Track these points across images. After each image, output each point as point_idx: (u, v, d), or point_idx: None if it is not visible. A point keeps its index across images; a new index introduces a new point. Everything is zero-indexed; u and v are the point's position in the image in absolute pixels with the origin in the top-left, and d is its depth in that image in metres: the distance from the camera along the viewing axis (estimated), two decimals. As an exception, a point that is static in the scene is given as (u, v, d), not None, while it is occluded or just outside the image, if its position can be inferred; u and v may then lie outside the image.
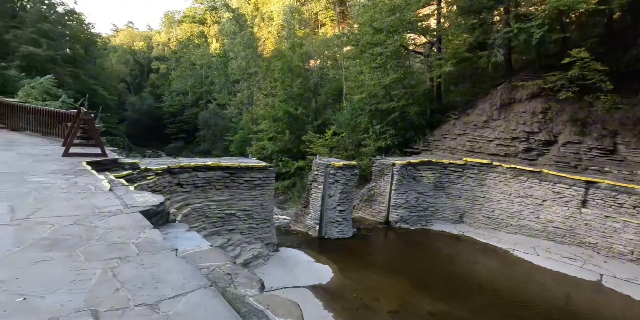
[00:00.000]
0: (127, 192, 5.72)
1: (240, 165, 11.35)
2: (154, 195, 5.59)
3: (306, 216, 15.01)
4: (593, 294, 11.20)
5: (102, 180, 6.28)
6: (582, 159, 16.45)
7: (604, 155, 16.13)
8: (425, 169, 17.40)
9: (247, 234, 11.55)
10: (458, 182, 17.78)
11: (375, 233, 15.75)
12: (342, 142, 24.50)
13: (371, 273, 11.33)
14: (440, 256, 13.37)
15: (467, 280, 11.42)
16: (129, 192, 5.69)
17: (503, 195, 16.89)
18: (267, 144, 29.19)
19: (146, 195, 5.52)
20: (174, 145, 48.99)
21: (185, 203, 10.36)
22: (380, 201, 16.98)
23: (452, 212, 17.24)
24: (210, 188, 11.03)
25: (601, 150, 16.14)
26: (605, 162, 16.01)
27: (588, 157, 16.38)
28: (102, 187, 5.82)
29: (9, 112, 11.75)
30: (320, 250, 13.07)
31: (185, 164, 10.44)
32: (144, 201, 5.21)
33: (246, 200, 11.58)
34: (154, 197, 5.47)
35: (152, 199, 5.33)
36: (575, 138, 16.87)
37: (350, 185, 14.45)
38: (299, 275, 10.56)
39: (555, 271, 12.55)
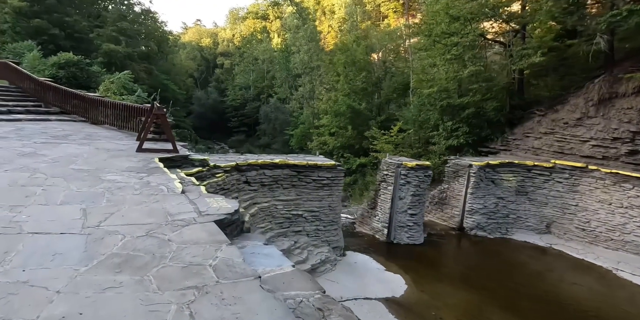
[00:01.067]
0: (200, 195, 5.24)
1: (308, 164, 10.72)
2: (228, 200, 5.04)
3: (373, 218, 14.11)
4: None
5: (174, 180, 5.88)
6: None
7: None
8: (505, 172, 15.68)
9: (314, 236, 10.94)
10: (544, 187, 15.82)
11: (448, 240, 14.45)
12: (408, 139, 23.14)
13: (448, 287, 10.19)
14: (527, 271, 11.81)
15: (564, 304, 9.86)
16: (201, 196, 5.20)
17: (601, 205, 14.68)
18: (328, 139, 28.59)
19: (219, 200, 4.98)
20: (236, 138, 50.32)
21: (253, 202, 9.94)
22: (454, 205, 15.59)
23: (537, 220, 15.37)
24: (277, 187, 10.54)
25: None
26: None
27: None
28: (174, 189, 5.39)
29: (91, 107, 12.14)
30: (390, 256, 12.13)
31: (252, 161, 10.02)
32: (218, 208, 4.65)
33: (313, 201, 10.96)
34: (227, 202, 4.91)
35: (226, 205, 4.76)
36: (696, 139, 14.21)
37: (423, 188, 13.28)
38: (369, 284, 9.74)
39: (676, 299, 10.50)
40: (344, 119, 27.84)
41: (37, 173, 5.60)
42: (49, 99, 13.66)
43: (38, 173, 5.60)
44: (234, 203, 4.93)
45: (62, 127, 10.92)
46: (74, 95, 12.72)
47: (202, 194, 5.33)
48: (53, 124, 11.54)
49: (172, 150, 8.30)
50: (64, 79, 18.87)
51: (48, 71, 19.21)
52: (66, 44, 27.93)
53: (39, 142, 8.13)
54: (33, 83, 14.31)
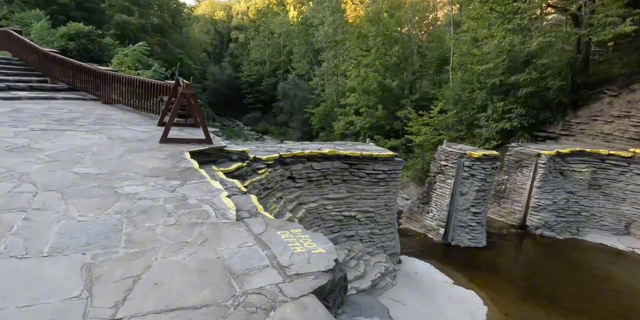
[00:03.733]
0: (266, 223, 3.40)
1: (362, 155, 8.80)
2: (316, 237, 3.19)
3: (425, 215, 12.26)
4: None
5: (220, 194, 4.05)
6: None
7: None
8: (576, 162, 13.52)
9: (368, 241, 9.17)
10: (620, 180, 13.65)
11: (511, 241, 12.58)
12: (448, 121, 20.87)
13: (539, 310, 8.38)
14: (620, 288, 9.90)
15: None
16: (268, 226, 3.36)
17: (693, 202, 12.55)
18: (355, 119, 26.44)
19: (301, 237, 3.13)
20: (251, 115, 48.45)
21: (299, 202, 8.14)
22: (515, 199, 13.60)
23: (614, 219, 13.31)
24: (326, 183, 8.70)
25: None
26: None
27: None
28: (225, 211, 3.56)
29: (103, 83, 10.28)
30: (451, 263, 10.35)
31: (298, 152, 8.13)
32: (306, 255, 2.80)
33: (367, 199, 9.11)
34: (318, 242, 3.06)
35: (317, 249, 2.92)
36: None
37: (490, 182, 11.30)
38: (441, 306, 7.99)
39: None
40: (374, 98, 25.56)
41: (24, 183, 3.80)
42: (55, 73, 11.83)
43: (25, 183, 3.80)
44: (326, 242, 3.08)
45: (68, 107, 9.12)
46: (84, 69, 10.84)
47: (268, 221, 3.48)
48: (58, 103, 9.75)
49: (205, 140, 6.45)
50: (74, 51, 17.01)
51: (57, 43, 17.35)
52: (77, 15, 25.90)
53: (37, 130, 6.34)
54: (38, 55, 12.46)
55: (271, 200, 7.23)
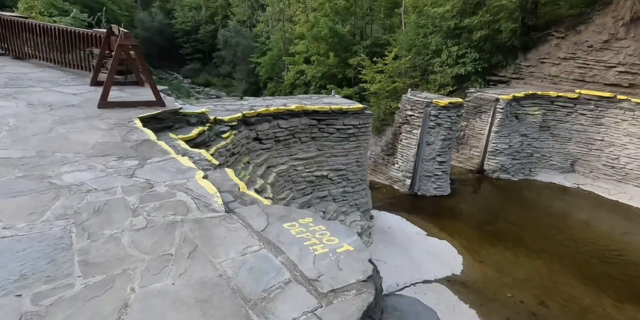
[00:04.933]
0: (267, 217, 2.68)
1: (332, 109, 8.08)
2: (334, 227, 2.56)
3: (391, 166, 12.09)
4: None
5: (195, 174, 3.24)
6: None
7: None
8: (529, 105, 13.82)
9: (341, 200, 8.80)
10: (566, 120, 14.30)
11: (471, 186, 12.95)
12: (400, 68, 20.32)
13: (506, 253, 8.75)
14: (572, 224, 10.63)
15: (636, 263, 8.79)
16: (271, 220, 2.65)
17: (630, 139, 13.48)
18: (306, 69, 25.06)
19: (319, 233, 2.48)
20: (190, 67, 44.76)
21: (268, 165, 7.41)
22: (474, 145, 13.82)
23: (561, 158, 14.09)
24: (294, 142, 7.97)
25: None
26: None
27: None
28: (206, 199, 2.80)
29: (9, 33, 8.24)
30: (421, 214, 10.42)
31: (262, 109, 7.21)
32: (334, 262, 2.18)
33: (338, 156, 8.59)
34: (339, 235, 2.44)
35: (344, 249, 2.30)
36: None
37: (455, 130, 11.19)
38: (419, 260, 8.03)
39: None
40: (325, 45, 24.14)
41: None
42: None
43: None
44: (349, 234, 2.46)
45: (-36, 65, 7.27)
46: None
47: (267, 210, 2.77)
48: (-50, 60, 7.77)
49: (155, 102, 5.34)
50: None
51: None
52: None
53: None
54: None
55: (239, 166, 6.43)
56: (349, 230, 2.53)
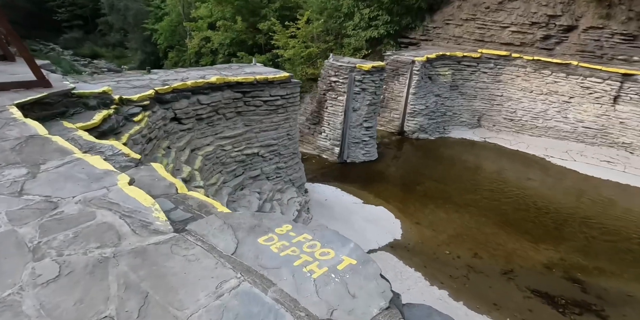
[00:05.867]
0: (232, 231, 2.06)
1: (257, 80, 7.28)
2: (320, 232, 2.06)
3: (318, 136, 11.76)
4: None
5: (116, 179, 2.44)
6: (603, 47, 14.51)
7: (626, 42, 14.23)
8: (440, 66, 14.36)
9: (275, 178, 8.26)
10: (472, 79, 15.23)
11: (395, 149, 13.29)
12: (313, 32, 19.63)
13: (439, 212, 9.15)
14: (487, 176, 11.54)
15: (543, 207, 9.86)
16: (238, 234, 2.04)
17: (523, 93, 14.90)
18: (211, 35, 22.92)
19: (305, 244, 1.97)
20: (70, 36, 38.51)
21: (192, 148, 6.49)
22: (393, 108, 14.06)
23: (469, 115, 15.10)
24: (218, 119, 7.09)
25: (624, 36, 14.15)
26: (627, 49, 14.26)
27: (610, 44, 14.44)
28: (141, 215, 2.07)
29: None
30: (354, 182, 10.40)
31: (178, 84, 6.15)
32: (342, 286, 1.71)
33: (268, 131, 7.93)
34: (330, 243, 1.96)
35: (346, 265, 1.83)
36: (600, 22, 14.55)
37: (379, 94, 11.13)
38: (361, 229, 8.00)
39: (606, 180, 11.55)
40: (230, 8, 22.16)
41: None
42: None
43: None
44: (342, 239, 2.00)
45: None
46: None
47: (227, 219, 2.14)
48: None
49: (37, 81, 4.09)
50: None
51: None
52: None
53: None
54: None
55: (159, 153, 5.47)
56: (339, 235, 2.06)
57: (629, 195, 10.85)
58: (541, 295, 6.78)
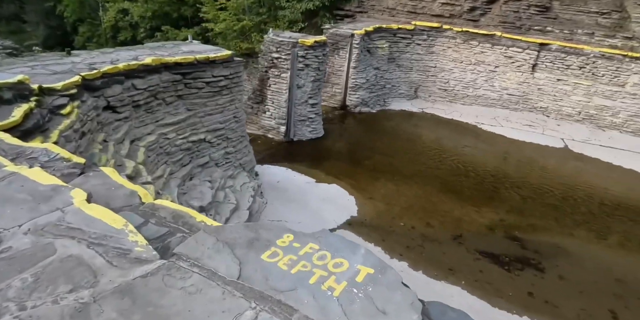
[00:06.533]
0: (229, 249, 1.82)
1: (197, 59, 6.68)
2: (325, 238, 1.89)
3: (262, 115, 11.34)
4: (573, 162, 11.72)
5: (69, 195, 2.04)
6: (522, 18, 15.53)
7: (540, 13, 15.35)
8: (377, 38, 14.39)
9: (225, 163, 7.85)
10: (407, 51, 15.53)
11: (339, 124, 13.32)
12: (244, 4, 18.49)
13: (389, 185, 9.41)
14: (427, 145, 12.05)
15: (480, 173, 10.57)
16: (237, 251, 1.81)
17: (455, 64, 15.56)
18: (129, 7, 20.64)
19: (315, 255, 1.80)
20: None
21: (131, 139, 5.86)
22: (335, 82, 13.94)
23: (407, 87, 15.49)
24: (158, 104, 6.44)
25: (538, 7, 15.23)
26: (541, 20, 15.42)
27: (527, 15, 15.48)
28: (116, 240, 1.76)
29: None
30: (304, 160, 10.28)
31: (109, 67, 5.39)
32: (369, 300, 1.59)
33: (213, 114, 7.43)
34: (340, 251, 1.81)
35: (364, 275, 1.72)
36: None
37: (323, 70, 10.89)
38: (317, 209, 7.99)
39: (529, 142, 12.67)
40: (149, -24, 19.97)
41: None
42: None
43: None
44: (351, 246, 1.86)
45: None
46: None
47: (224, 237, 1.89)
48: None
49: None
50: None
51: None
52: None
53: None
54: None
55: (95, 149, 4.85)
56: (346, 240, 1.92)
57: (548, 155, 12.03)
58: (488, 255, 7.36)
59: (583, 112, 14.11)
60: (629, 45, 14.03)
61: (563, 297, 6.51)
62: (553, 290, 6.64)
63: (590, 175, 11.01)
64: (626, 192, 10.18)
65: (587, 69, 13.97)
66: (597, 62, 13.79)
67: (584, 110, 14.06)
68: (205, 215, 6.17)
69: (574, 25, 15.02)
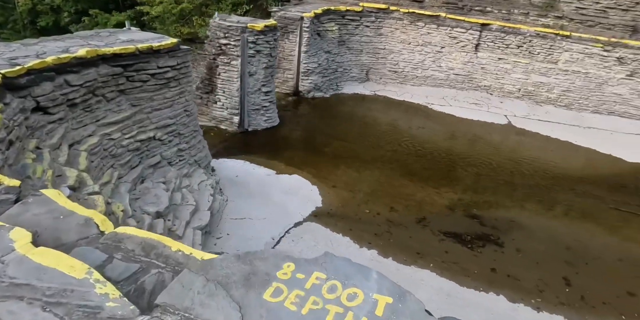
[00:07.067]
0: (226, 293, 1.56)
1: (139, 49, 6.02)
2: (333, 264, 1.67)
3: (212, 105, 10.72)
4: (517, 137, 12.39)
5: (12, 241, 1.63)
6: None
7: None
8: (327, 21, 14.06)
9: (178, 162, 7.31)
10: (356, 33, 15.37)
11: (293, 110, 12.99)
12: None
13: (351, 171, 9.36)
14: (383, 128, 12.13)
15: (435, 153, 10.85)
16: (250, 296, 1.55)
17: (403, 45, 15.67)
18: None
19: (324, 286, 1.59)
20: None
21: (70, 143, 5.20)
22: (286, 68, 13.49)
23: (358, 69, 15.40)
24: (97, 102, 5.76)
25: None
26: (481, 1, 15.90)
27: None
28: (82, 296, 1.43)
29: None
30: (261, 152, 9.92)
31: (35, 62, 4.66)
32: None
33: (162, 109, 6.83)
34: (352, 279, 1.62)
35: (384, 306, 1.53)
36: (458, -27, 15.77)
37: (275, 56, 10.40)
38: (281, 203, 7.75)
39: (476, 120, 13.20)
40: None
41: None
42: None
43: None
44: (363, 270, 1.66)
45: None
46: None
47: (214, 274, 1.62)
48: None
49: None
50: None
51: None
52: None
53: None
54: None
55: (28, 160, 4.22)
56: (354, 263, 1.73)
57: (494, 132, 12.64)
58: (451, 235, 7.60)
59: (522, 89, 14.90)
60: (560, 24, 14.87)
61: (522, 269, 6.90)
62: (513, 264, 7.01)
63: (533, 148, 11.71)
64: (564, 163, 10.98)
65: (524, 47, 14.67)
66: (533, 40, 14.50)
67: (523, 87, 14.84)
68: (163, 220, 5.77)
69: (510, 6, 15.61)
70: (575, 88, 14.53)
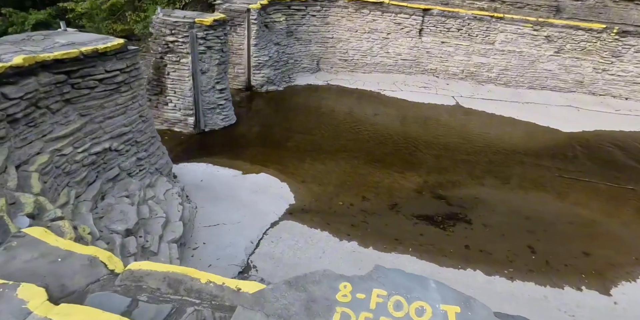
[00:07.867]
0: None
1: (83, 53, 5.45)
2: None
3: (163, 107, 10.10)
4: (466, 117, 13.02)
5: (27, 304, 1.39)
6: (403, -16, 16.22)
7: None
8: (273, 12, 13.70)
9: (139, 172, 6.81)
10: (303, 23, 15.17)
11: (248, 106, 12.62)
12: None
13: (317, 164, 9.31)
14: (341, 118, 12.17)
15: (394, 138, 11.09)
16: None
17: (350, 33, 15.73)
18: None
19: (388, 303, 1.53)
20: None
21: (16, 164, 4.63)
22: (237, 62, 13.00)
23: (309, 60, 15.25)
24: (42, 115, 5.16)
25: None
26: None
27: None
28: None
29: None
30: (222, 152, 9.55)
31: (-40, 76, 4.04)
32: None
33: (115, 117, 6.29)
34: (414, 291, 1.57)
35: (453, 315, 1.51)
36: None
37: (226, 51, 9.93)
38: (253, 204, 7.52)
39: (427, 103, 13.67)
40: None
41: None
42: None
43: None
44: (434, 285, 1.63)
45: None
46: None
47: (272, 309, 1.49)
48: None
49: None
50: None
51: None
52: None
53: None
54: None
55: (-25, 188, 3.69)
56: (406, 273, 1.68)
57: (445, 113, 13.20)
58: (423, 218, 7.87)
59: (465, 71, 15.62)
60: (493, 6, 15.68)
61: (491, 243, 7.32)
62: (482, 239, 7.41)
63: (482, 126, 12.39)
64: (511, 138, 11.75)
65: (464, 30, 15.31)
66: (471, 23, 15.17)
67: (466, 68, 15.56)
68: (135, 238, 5.38)
69: (447, -10, 16.18)
70: (512, 66, 15.50)
